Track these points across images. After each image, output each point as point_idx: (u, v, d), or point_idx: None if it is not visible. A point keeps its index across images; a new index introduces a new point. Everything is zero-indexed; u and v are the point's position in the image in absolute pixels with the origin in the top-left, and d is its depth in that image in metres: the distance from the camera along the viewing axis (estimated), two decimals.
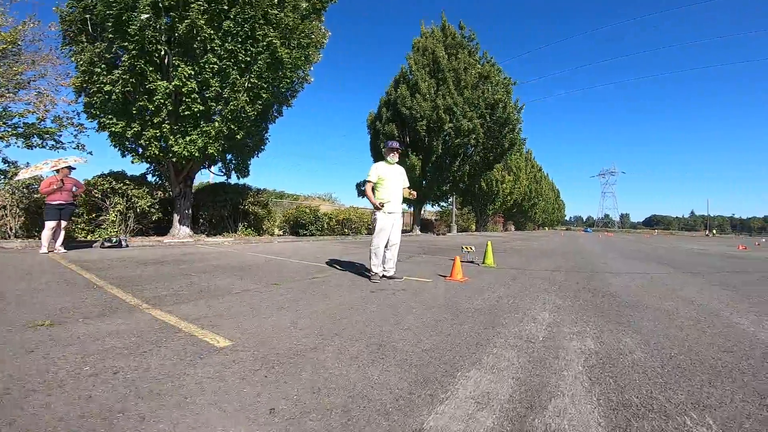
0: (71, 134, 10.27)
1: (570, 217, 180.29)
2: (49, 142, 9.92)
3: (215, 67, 8.25)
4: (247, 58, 8.45)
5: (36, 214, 8.11)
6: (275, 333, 2.50)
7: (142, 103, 8.17)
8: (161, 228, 10.37)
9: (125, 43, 7.82)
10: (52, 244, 6.82)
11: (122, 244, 7.85)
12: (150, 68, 8.11)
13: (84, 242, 8.28)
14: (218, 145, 8.83)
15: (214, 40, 8.16)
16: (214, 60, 8.20)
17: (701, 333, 2.81)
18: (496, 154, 21.58)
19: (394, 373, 1.91)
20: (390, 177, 4.85)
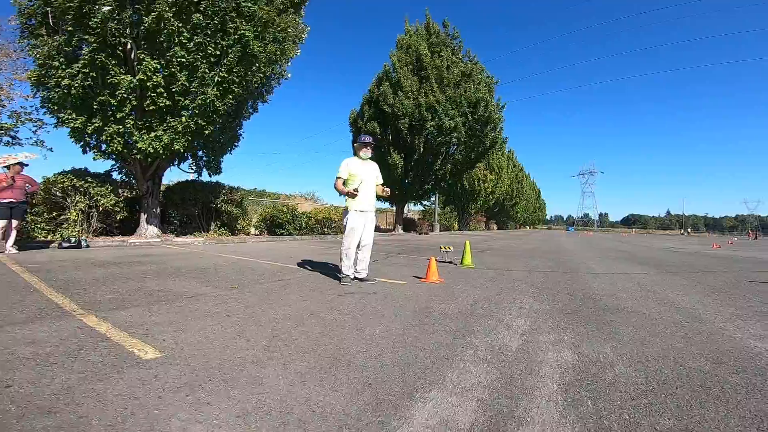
0: (30, 130, 9.80)
1: (551, 216, 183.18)
2: (4, 138, 9.35)
3: (183, 60, 7.92)
4: (217, 52, 8.15)
5: None
6: (215, 344, 2.25)
7: (104, 98, 7.78)
8: (129, 228, 9.88)
9: (86, 36, 7.44)
10: (2, 245, 6.46)
11: (81, 244, 7.46)
12: (113, 62, 7.75)
13: (42, 243, 7.83)
14: (185, 141, 8.48)
15: (183, 33, 7.82)
16: (182, 53, 7.87)
17: (688, 341, 2.63)
18: (478, 153, 21.57)
19: (344, 394, 1.66)
20: (362, 173, 4.58)
